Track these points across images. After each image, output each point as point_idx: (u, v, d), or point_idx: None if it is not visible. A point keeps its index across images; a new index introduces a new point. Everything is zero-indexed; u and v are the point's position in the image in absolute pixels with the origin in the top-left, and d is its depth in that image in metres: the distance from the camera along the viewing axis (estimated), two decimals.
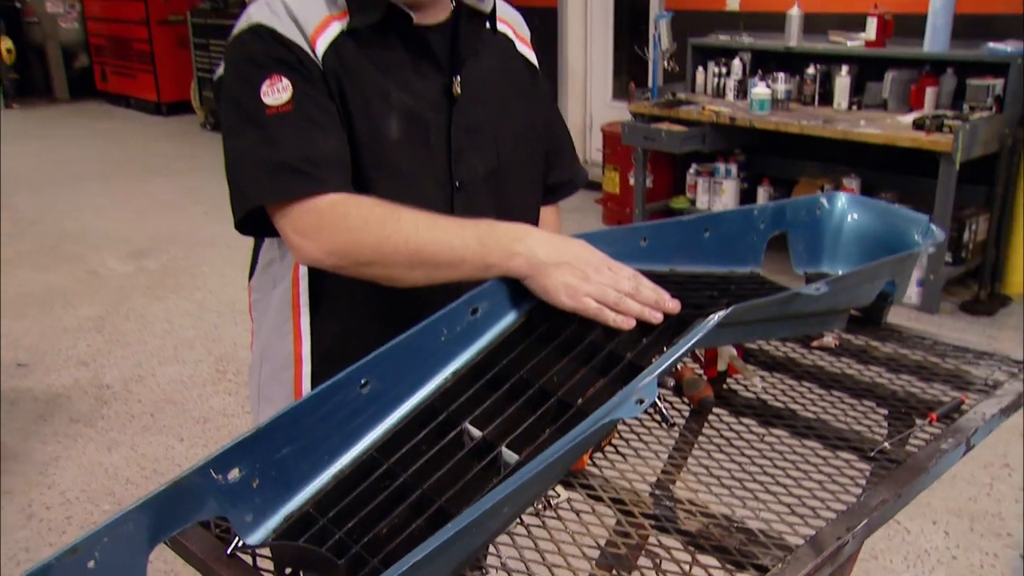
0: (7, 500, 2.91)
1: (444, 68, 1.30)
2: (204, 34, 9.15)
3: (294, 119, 1.20)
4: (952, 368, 1.50)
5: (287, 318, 1.35)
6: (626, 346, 1.14)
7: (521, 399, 1.11)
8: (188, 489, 0.95)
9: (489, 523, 0.94)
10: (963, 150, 3.83)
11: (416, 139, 1.27)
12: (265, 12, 1.25)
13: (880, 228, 1.68)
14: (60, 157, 8.29)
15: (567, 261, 1.16)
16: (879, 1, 4.56)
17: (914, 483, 1.19)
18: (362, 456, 1.08)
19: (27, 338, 4.22)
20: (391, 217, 1.18)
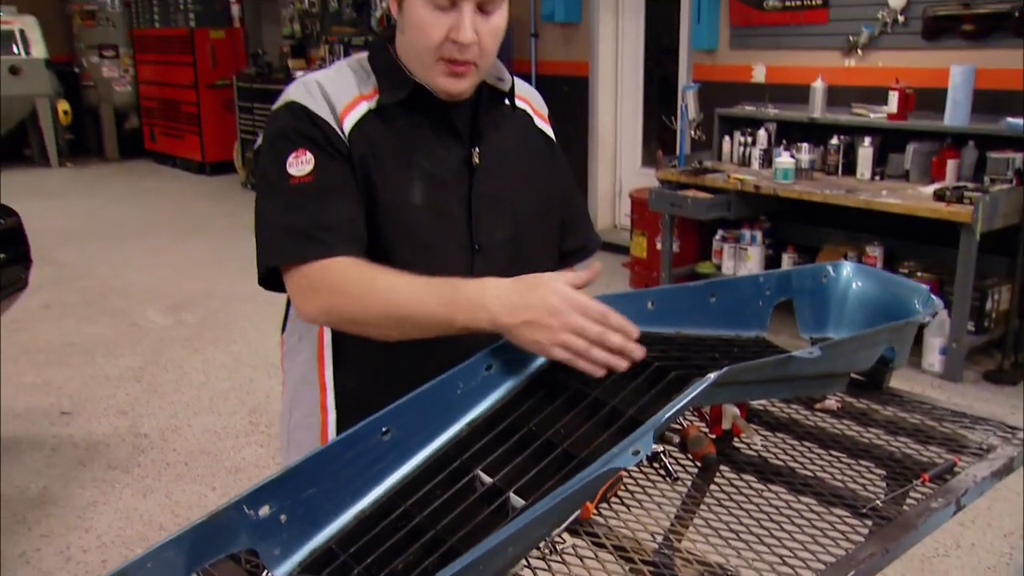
0: (46, 543, 3.01)
1: (465, 140, 1.42)
2: (248, 98, 9.47)
3: (312, 190, 1.32)
4: (948, 432, 1.56)
5: (313, 369, 1.46)
6: (627, 402, 1.23)
7: (529, 449, 1.19)
8: (223, 522, 1.05)
9: (495, 561, 1.02)
10: (983, 221, 3.88)
11: (439, 205, 1.38)
12: (301, 91, 1.38)
13: (883, 296, 1.75)
14: (107, 214, 8.57)
15: (528, 319, 1.19)
16: (900, 76, 4.67)
17: (903, 539, 1.25)
18: (382, 498, 1.17)
19: (70, 386, 4.37)
20: (371, 280, 1.28)
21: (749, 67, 5.64)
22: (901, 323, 1.57)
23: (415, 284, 1.27)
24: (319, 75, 1.41)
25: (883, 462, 1.47)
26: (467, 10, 1.29)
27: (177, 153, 11.08)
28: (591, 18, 6.68)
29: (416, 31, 1.33)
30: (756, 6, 5.47)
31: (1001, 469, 1.44)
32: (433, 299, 1.25)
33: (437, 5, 1.30)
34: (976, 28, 4.38)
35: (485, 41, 1.33)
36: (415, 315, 1.26)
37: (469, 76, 1.35)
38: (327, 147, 1.34)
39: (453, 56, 1.32)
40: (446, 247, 1.41)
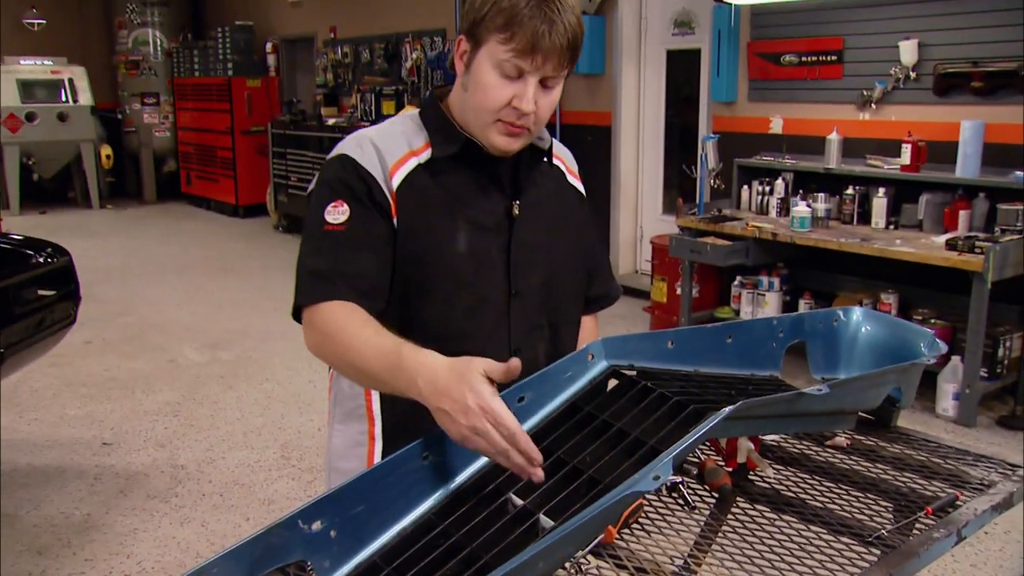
0: (89, 566, 3.10)
1: (507, 193, 1.52)
2: (282, 143, 9.68)
3: (342, 238, 1.43)
4: (952, 468, 1.63)
5: (361, 404, 1.55)
6: (648, 433, 1.31)
7: (558, 475, 1.28)
8: (281, 534, 1.14)
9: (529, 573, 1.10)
10: (994, 270, 3.94)
11: (480, 252, 1.48)
12: (353, 145, 1.49)
13: (891, 340, 1.82)
14: (146, 253, 8.76)
15: (444, 407, 1.19)
16: (913, 129, 4.76)
17: (906, 566, 1.32)
18: (421, 517, 1.26)
19: (111, 419, 4.49)
20: (346, 330, 1.36)
21: (767, 119, 5.75)
22: (907, 364, 1.64)
23: (372, 343, 1.32)
24: (372, 131, 1.52)
25: (889, 495, 1.53)
26: (532, 82, 1.39)
27: (212, 196, 11.33)
28: (614, 69, 6.83)
29: (482, 92, 1.41)
30: (774, 61, 5.60)
31: (1001, 503, 1.50)
32: (380, 361, 1.30)
33: (505, 73, 1.39)
34: (984, 85, 4.48)
35: (542, 111, 1.43)
36: (365, 370, 1.34)
37: (522, 137, 1.45)
38: (367, 201, 1.44)
39: (512, 120, 1.42)
40: (485, 290, 1.50)
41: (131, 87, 11.76)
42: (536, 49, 1.35)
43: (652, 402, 1.38)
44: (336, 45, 9.83)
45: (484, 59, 1.40)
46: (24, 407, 4.62)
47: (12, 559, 3.14)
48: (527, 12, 1.34)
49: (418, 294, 1.46)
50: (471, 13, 1.40)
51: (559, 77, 1.42)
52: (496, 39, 1.37)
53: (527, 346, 1.54)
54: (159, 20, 11.72)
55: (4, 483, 3.75)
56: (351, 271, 1.41)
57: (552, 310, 1.58)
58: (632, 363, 1.50)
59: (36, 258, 3.73)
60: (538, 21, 1.34)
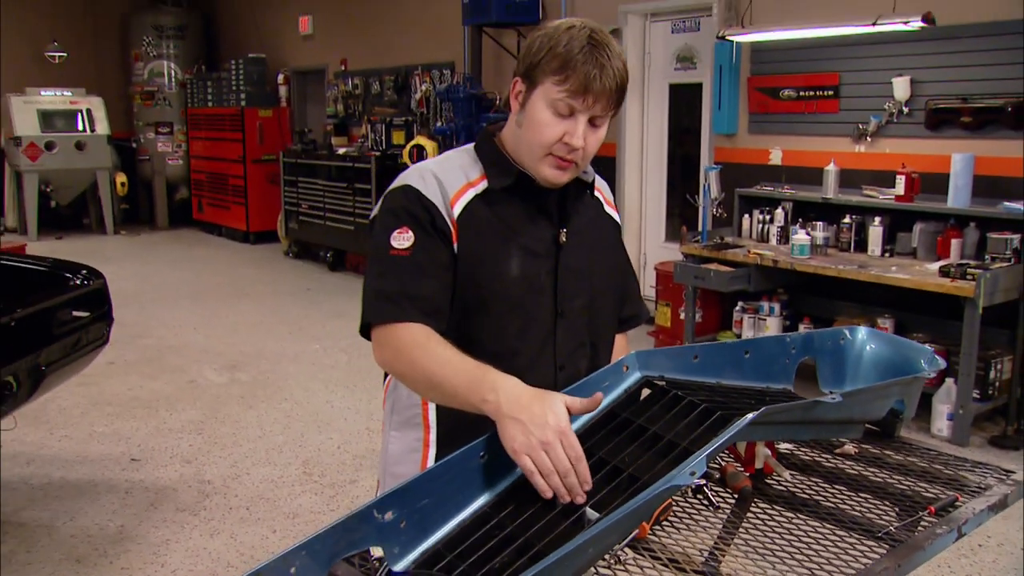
0: (125, 575, 3.20)
1: (555, 221, 1.64)
2: (293, 172, 9.80)
3: (406, 263, 1.55)
4: (951, 474, 1.75)
5: (417, 413, 1.67)
6: (681, 436, 1.44)
7: (600, 473, 1.40)
8: (359, 521, 1.26)
9: (578, 559, 1.22)
10: (985, 296, 4.08)
11: (531, 275, 1.61)
12: (415, 176, 1.61)
13: (893, 356, 1.95)
14: (160, 278, 8.88)
15: (520, 418, 1.30)
16: (906, 161, 4.92)
17: (912, 558, 1.44)
18: (479, 510, 1.38)
19: (137, 436, 4.59)
20: (424, 348, 1.49)
21: (767, 150, 5.91)
22: (909, 378, 1.77)
23: (453, 361, 1.45)
24: (432, 164, 1.65)
25: (894, 498, 1.66)
26: (582, 121, 1.52)
27: (223, 223, 11.46)
28: None
29: (535, 129, 1.55)
30: (773, 95, 5.77)
31: (996, 504, 1.62)
32: (462, 377, 1.43)
33: (559, 112, 1.52)
34: (973, 120, 4.65)
35: (590, 147, 1.56)
36: (444, 385, 1.46)
37: (570, 171, 1.58)
38: (429, 228, 1.56)
39: (562, 155, 1.55)
40: (534, 311, 1.62)
41: (146, 117, 11.96)
42: (588, 91, 1.48)
43: (682, 409, 1.50)
44: (346, 77, 10.01)
45: (539, 98, 1.53)
46: (53, 424, 4.73)
47: (52, 567, 3.24)
48: (580, 57, 1.47)
49: (475, 314, 1.58)
50: (528, 57, 1.54)
51: (606, 117, 1.54)
52: (551, 80, 1.50)
53: (571, 363, 1.66)
54: (174, 52, 11.95)
55: (39, 496, 3.87)
56: (416, 293, 1.53)
57: (593, 330, 1.71)
58: (662, 374, 1.63)
59: (73, 280, 3.86)
60: (590, 66, 1.47)
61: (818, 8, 5.32)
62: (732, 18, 5.83)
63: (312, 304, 7.75)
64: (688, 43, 6.65)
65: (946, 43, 4.76)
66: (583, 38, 1.49)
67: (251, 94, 10.71)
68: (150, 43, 11.83)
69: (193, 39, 12.18)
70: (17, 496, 3.86)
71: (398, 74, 9.16)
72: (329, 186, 9.12)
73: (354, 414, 4.95)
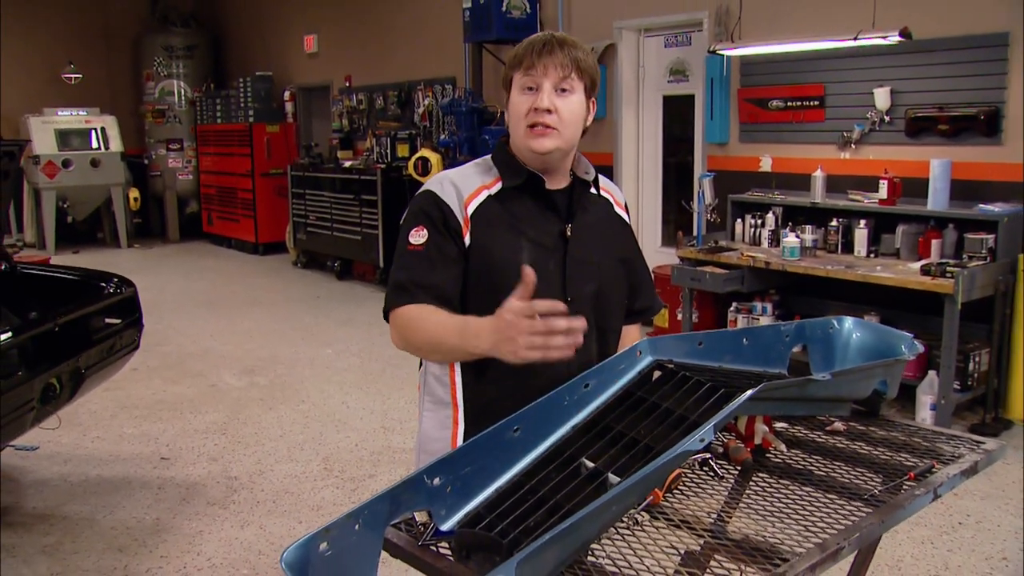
0: (165, 562, 3.34)
1: (562, 217, 1.82)
2: (301, 184, 9.92)
3: (420, 257, 1.76)
4: (929, 445, 1.90)
5: (447, 392, 1.83)
6: (690, 410, 1.59)
7: (619, 444, 1.56)
8: (411, 487, 1.41)
9: (603, 516, 1.38)
10: (963, 292, 4.24)
11: (540, 265, 1.76)
12: (436, 183, 1.82)
13: (877, 343, 2.10)
14: (175, 289, 9.02)
15: (499, 339, 1.51)
16: (889, 167, 5.09)
17: (894, 515, 1.59)
18: (514, 477, 1.53)
19: (165, 437, 4.73)
20: (424, 319, 1.71)
21: (757, 158, 6.06)
22: (891, 360, 1.93)
23: (443, 321, 1.68)
24: (452, 172, 1.85)
25: (878, 467, 1.81)
26: (546, 88, 1.73)
27: (232, 235, 11.59)
28: (615, 114, 7.15)
29: (513, 111, 1.77)
30: (762, 106, 5.94)
31: (968, 469, 1.78)
32: (452, 332, 1.65)
33: (526, 87, 1.74)
34: (950, 128, 4.81)
35: (562, 112, 1.74)
36: (442, 344, 1.69)
37: (551, 136, 1.75)
38: (442, 227, 1.76)
39: (536, 120, 1.74)
40: (545, 298, 1.78)
41: (157, 134, 12.11)
42: (536, 63, 1.72)
43: (690, 387, 1.66)
44: (351, 93, 10.18)
45: (513, 91, 1.77)
46: (85, 427, 4.88)
47: (97, 556, 3.39)
48: (529, 46, 1.75)
49: (490, 300, 1.74)
50: (504, 72, 1.80)
51: (572, 83, 1.74)
52: (515, 73, 1.76)
53: (583, 346, 1.81)
54: (184, 72, 12.10)
55: (78, 492, 4.01)
56: (426, 282, 1.72)
57: (601, 317, 1.87)
58: (671, 358, 1.79)
59: (106, 289, 4.02)
60: (537, 46, 1.74)
61: (803, 23, 5.50)
62: (722, 33, 5.99)
63: (322, 311, 7.89)
64: (680, 57, 6.82)
65: (923, 56, 4.93)
66: (533, 37, 1.77)
67: (259, 110, 10.86)
68: (161, 63, 11.99)
69: (202, 59, 12.34)
70: (58, 492, 4.00)
71: (401, 89, 9.32)
72: (336, 198, 9.26)
73: (369, 414, 5.09)
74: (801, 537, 1.51)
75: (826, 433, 2.00)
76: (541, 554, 1.26)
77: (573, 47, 1.75)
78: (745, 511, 1.64)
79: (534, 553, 1.24)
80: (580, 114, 1.78)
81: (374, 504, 1.38)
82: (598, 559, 1.46)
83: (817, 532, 1.53)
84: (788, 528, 1.55)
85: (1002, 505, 3.68)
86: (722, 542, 1.51)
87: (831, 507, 1.63)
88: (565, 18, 7.37)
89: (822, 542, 1.48)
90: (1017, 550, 3.30)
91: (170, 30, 12.16)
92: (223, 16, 12.82)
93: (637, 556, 1.46)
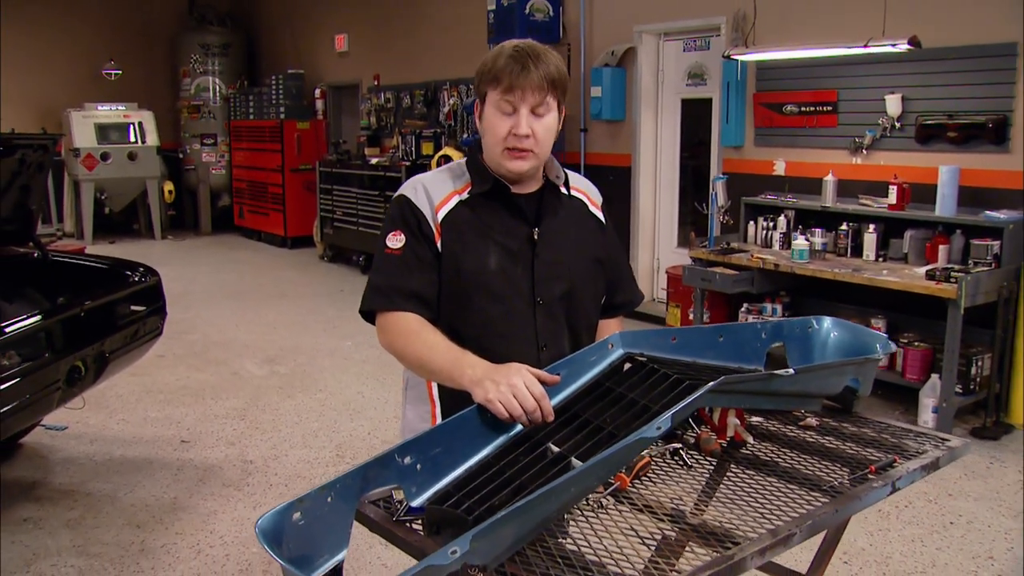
0: (180, 539, 3.47)
1: (530, 222, 1.87)
2: (329, 180, 10.07)
3: (398, 260, 1.82)
4: (896, 442, 1.94)
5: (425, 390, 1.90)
6: (653, 401, 1.65)
7: (584, 431, 1.62)
8: (383, 463, 1.49)
9: (561, 496, 1.44)
10: (967, 297, 4.25)
11: (508, 270, 1.83)
12: (410, 188, 1.88)
13: (854, 342, 2.14)
14: (205, 280, 9.20)
15: (495, 378, 1.58)
16: (898, 173, 5.09)
17: (848, 505, 1.64)
18: (482, 459, 1.60)
19: (186, 421, 4.87)
20: (417, 334, 1.76)
21: (771, 162, 6.09)
22: (860, 359, 1.97)
23: (440, 344, 1.72)
24: (426, 177, 1.91)
25: (844, 460, 1.85)
26: (523, 113, 1.77)
27: (262, 228, 11.76)
28: (634, 116, 7.21)
29: (490, 131, 1.80)
30: (777, 110, 5.96)
31: (929, 464, 1.82)
32: (445, 359, 1.69)
33: (503, 111, 1.78)
34: (959, 135, 4.82)
35: (539, 135, 1.79)
36: (430, 365, 1.73)
37: (528, 159, 1.81)
38: (417, 231, 1.82)
39: (515, 145, 1.79)
40: (514, 301, 1.84)
41: (192, 129, 12.33)
42: (515, 87, 1.75)
43: (656, 379, 1.72)
44: (379, 91, 10.30)
45: (488, 107, 1.80)
46: (112, 409, 5.03)
47: (116, 530, 3.52)
48: (505, 64, 1.76)
49: (462, 303, 1.81)
50: (477, 80, 1.82)
51: (547, 106, 1.78)
52: (491, 89, 1.78)
53: (553, 343, 1.88)
54: (219, 69, 12.31)
55: (102, 470, 4.16)
56: (403, 285, 1.79)
57: (572, 316, 1.92)
58: (643, 352, 1.85)
59: (131, 277, 4.15)
60: (514, 68, 1.75)
61: (816, 30, 5.51)
62: (738, 38, 6.02)
63: (345, 304, 8.01)
64: (698, 61, 6.85)
65: (933, 64, 4.93)
66: (508, 51, 1.77)
67: (290, 107, 11.02)
68: (197, 60, 12.21)
69: (236, 57, 12.54)
70: (84, 470, 4.15)
71: (427, 88, 9.42)
72: (362, 194, 9.39)
73: (383, 404, 5.19)
74: (756, 523, 1.57)
75: (799, 428, 2.05)
76: (498, 529, 1.33)
77: (546, 61, 1.77)
78: (707, 498, 1.70)
79: (490, 528, 1.31)
80: (555, 129, 1.84)
81: (346, 478, 1.46)
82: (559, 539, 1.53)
83: (772, 519, 1.58)
84: (746, 515, 1.60)
85: (995, 507, 3.69)
86: (680, 526, 1.58)
87: (790, 497, 1.67)
88: (587, 22, 7.42)
89: (775, 528, 1.54)
90: (1004, 550, 3.32)
91: (207, 29, 12.37)
92: (257, 15, 13.02)
93: (597, 536, 1.53)
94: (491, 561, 1.36)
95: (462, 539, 1.28)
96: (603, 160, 7.47)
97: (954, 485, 3.91)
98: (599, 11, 7.38)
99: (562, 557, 1.44)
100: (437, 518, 1.54)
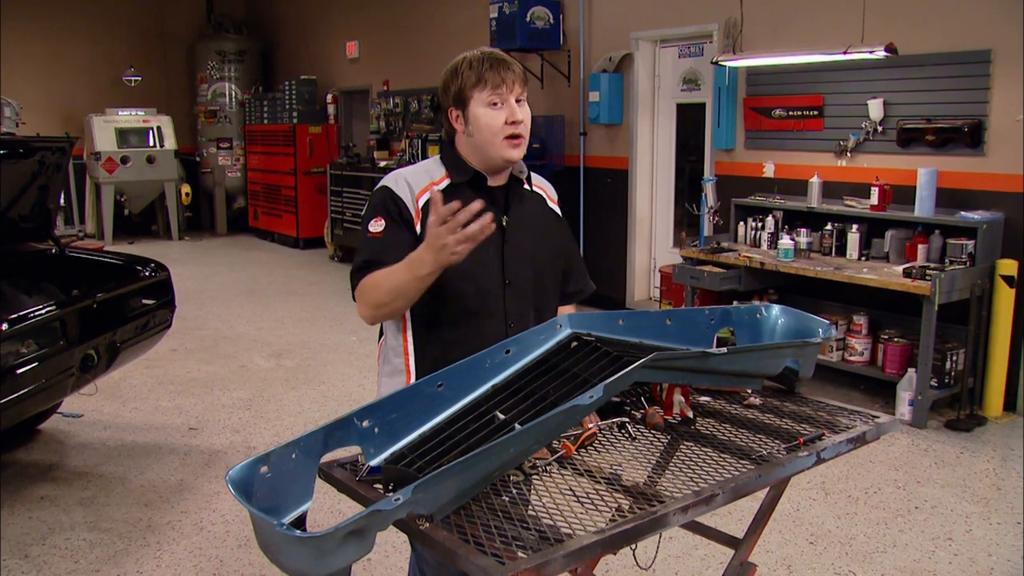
0: (185, 516, 3.64)
1: (500, 209, 2.03)
2: (339, 183, 10.24)
3: (378, 242, 1.97)
4: (830, 418, 2.08)
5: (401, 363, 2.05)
6: (593, 375, 1.80)
7: (530, 400, 1.77)
8: (342, 426, 1.65)
9: (501, 454, 1.58)
10: (941, 294, 4.35)
11: (480, 252, 1.97)
12: (391, 180, 2.03)
13: (800, 328, 2.26)
14: (218, 278, 9.39)
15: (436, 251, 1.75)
16: (880, 175, 5.20)
17: (771, 472, 1.78)
18: (436, 425, 1.75)
19: (194, 410, 5.04)
20: (376, 277, 1.90)
21: (761, 164, 6.20)
22: (799, 341, 2.10)
23: (393, 270, 1.86)
24: (406, 171, 2.06)
25: (778, 434, 1.99)
26: (511, 102, 1.95)
27: (275, 229, 11.95)
28: (631, 120, 7.32)
29: (487, 127, 1.95)
30: (766, 114, 6.07)
31: (856, 438, 1.95)
32: (402, 274, 1.83)
33: (492, 104, 1.94)
34: (936, 139, 4.92)
35: (526, 121, 1.98)
36: (399, 287, 1.85)
37: (522, 145, 1.99)
38: (397, 218, 1.97)
39: (512, 132, 1.95)
40: (485, 279, 2.00)
41: (208, 133, 12.57)
42: (503, 81, 1.93)
43: (598, 356, 1.87)
44: (388, 96, 10.47)
45: (476, 108, 1.95)
46: (126, 399, 5.21)
47: (126, 508, 3.69)
48: (483, 66, 1.94)
49: (439, 281, 1.96)
50: (450, 91, 1.98)
51: (523, 96, 1.98)
52: (476, 91, 1.95)
53: (519, 321, 2.03)
54: (234, 75, 12.55)
55: (114, 454, 4.33)
56: (383, 262, 1.93)
57: (537, 297, 2.08)
58: (591, 332, 1.99)
59: (143, 272, 4.32)
60: (494, 65, 1.94)
61: (800, 37, 5.63)
62: (730, 45, 6.14)
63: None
64: (693, 67, 6.97)
65: (912, 70, 5.04)
66: (477, 55, 1.96)
67: (302, 112, 11.22)
68: (214, 67, 12.45)
69: (252, 63, 12.77)
70: (97, 454, 4.33)
71: (434, 94, 9.56)
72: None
73: None
74: (684, 486, 1.71)
75: (743, 406, 2.19)
76: (440, 482, 1.48)
77: (511, 61, 1.98)
78: (645, 465, 1.84)
79: (432, 480, 1.46)
80: (530, 115, 2.01)
81: (309, 437, 1.62)
82: (503, 496, 1.68)
83: (699, 482, 1.72)
84: (676, 479, 1.75)
85: (960, 493, 3.80)
86: (615, 487, 1.72)
87: (722, 465, 1.81)
88: (586, 29, 7.57)
89: (699, 489, 1.68)
90: (963, 532, 3.43)
91: (223, 36, 12.61)
92: (272, 24, 13.24)
93: (537, 495, 1.68)
94: (436, 511, 1.51)
95: (406, 489, 1.43)
96: (601, 163, 7.60)
97: (923, 473, 4.02)
98: (597, 19, 7.52)
99: (503, 512, 1.59)
100: (392, 476, 1.69)
